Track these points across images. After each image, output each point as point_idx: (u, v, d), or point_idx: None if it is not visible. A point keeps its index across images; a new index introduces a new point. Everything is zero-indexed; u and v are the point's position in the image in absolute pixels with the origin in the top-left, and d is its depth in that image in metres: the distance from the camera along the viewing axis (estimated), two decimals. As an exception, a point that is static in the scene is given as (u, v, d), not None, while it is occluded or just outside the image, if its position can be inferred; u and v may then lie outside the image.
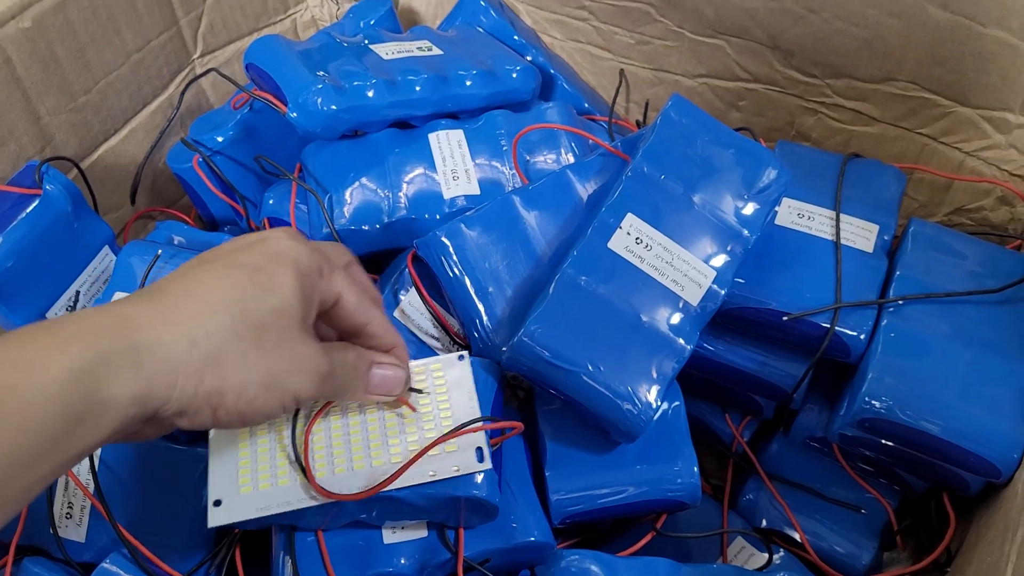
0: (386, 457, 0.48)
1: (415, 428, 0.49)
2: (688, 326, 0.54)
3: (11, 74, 0.60)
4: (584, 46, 0.80)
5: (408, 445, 0.48)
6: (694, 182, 0.56)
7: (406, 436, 0.49)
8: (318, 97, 0.61)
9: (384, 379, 0.47)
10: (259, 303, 0.39)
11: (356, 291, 0.45)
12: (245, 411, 0.39)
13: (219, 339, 0.38)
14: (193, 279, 0.40)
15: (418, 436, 0.49)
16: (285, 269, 0.41)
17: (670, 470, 0.55)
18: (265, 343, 0.39)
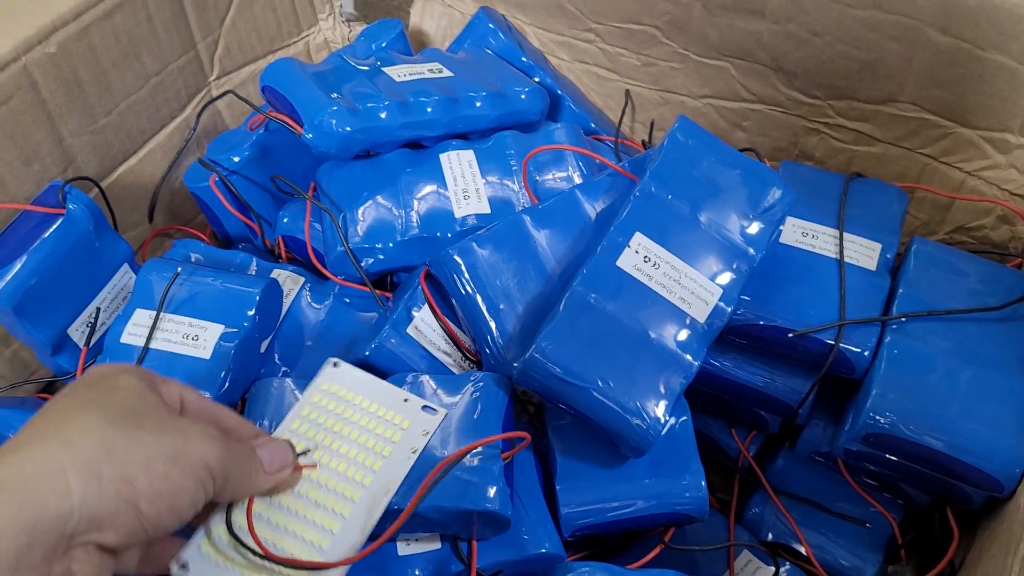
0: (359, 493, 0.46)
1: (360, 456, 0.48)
2: (695, 342, 0.55)
3: (36, 97, 0.61)
4: (591, 67, 0.82)
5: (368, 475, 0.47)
6: (700, 202, 0.58)
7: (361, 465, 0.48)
8: (333, 119, 0.63)
9: (272, 453, 0.44)
10: (114, 399, 0.37)
11: (194, 391, 0.43)
12: (165, 492, 0.35)
13: (96, 431, 0.34)
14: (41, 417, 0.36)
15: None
16: (119, 374, 0.39)
17: (678, 484, 0.56)
18: (145, 424, 0.36)
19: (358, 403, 0.50)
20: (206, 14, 0.74)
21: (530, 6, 0.81)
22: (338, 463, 0.47)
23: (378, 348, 0.58)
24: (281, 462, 0.45)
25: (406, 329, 0.59)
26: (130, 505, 0.34)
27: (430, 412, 0.50)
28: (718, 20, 0.71)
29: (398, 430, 0.49)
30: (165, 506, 0.36)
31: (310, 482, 0.46)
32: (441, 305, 0.61)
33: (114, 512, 0.34)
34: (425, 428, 0.49)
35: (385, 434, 0.49)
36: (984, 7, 0.59)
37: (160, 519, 0.36)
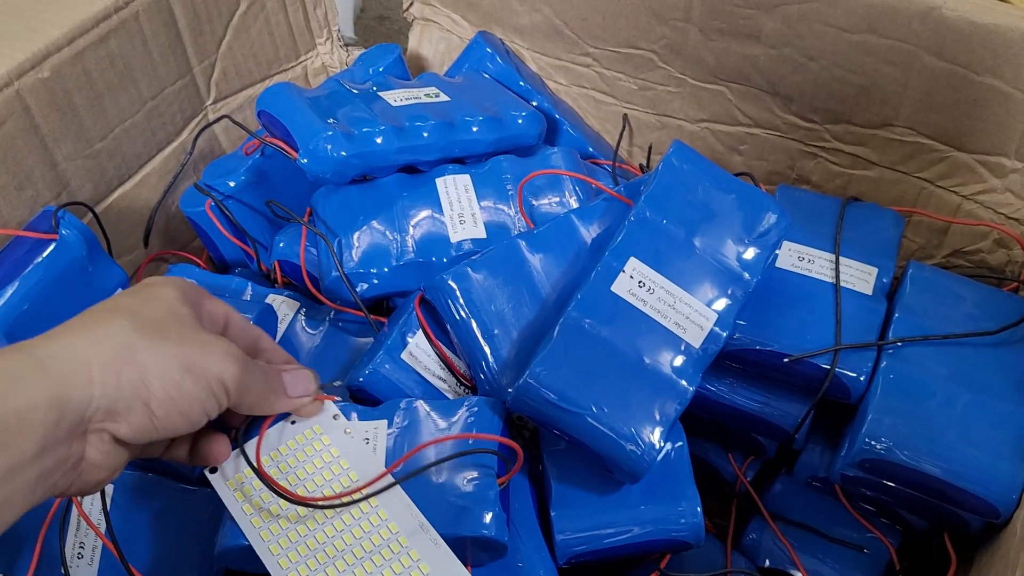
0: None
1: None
2: (690, 368, 0.54)
3: (30, 122, 0.61)
4: (588, 91, 0.82)
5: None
6: (696, 226, 0.57)
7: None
8: (328, 144, 0.63)
9: (296, 380, 0.49)
10: (148, 309, 0.40)
11: (239, 313, 0.48)
12: (177, 397, 0.39)
13: (122, 335, 0.38)
14: (80, 316, 0.40)
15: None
16: (163, 286, 0.43)
17: (674, 510, 0.55)
18: (169, 335, 0.40)
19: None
20: (202, 38, 0.74)
21: (528, 31, 0.82)
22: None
23: (372, 374, 0.58)
24: (303, 389, 0.49)
25: (400, 355, 0.59)
26: (143, 404, 0.38)
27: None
28: (714, 44, 0.71)
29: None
30: (175, 410, 0.39)
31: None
32: (435, 330, 0.60)
33: (128, 407, 0.38)
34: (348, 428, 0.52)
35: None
36: (978, 32, 0.59)
37: (170, 421, 0.39)
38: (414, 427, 0.54)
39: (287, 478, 0.50)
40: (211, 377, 0.41)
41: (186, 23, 0.72)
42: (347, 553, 0.47)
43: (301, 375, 0.50)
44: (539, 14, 0.79)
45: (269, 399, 0.47)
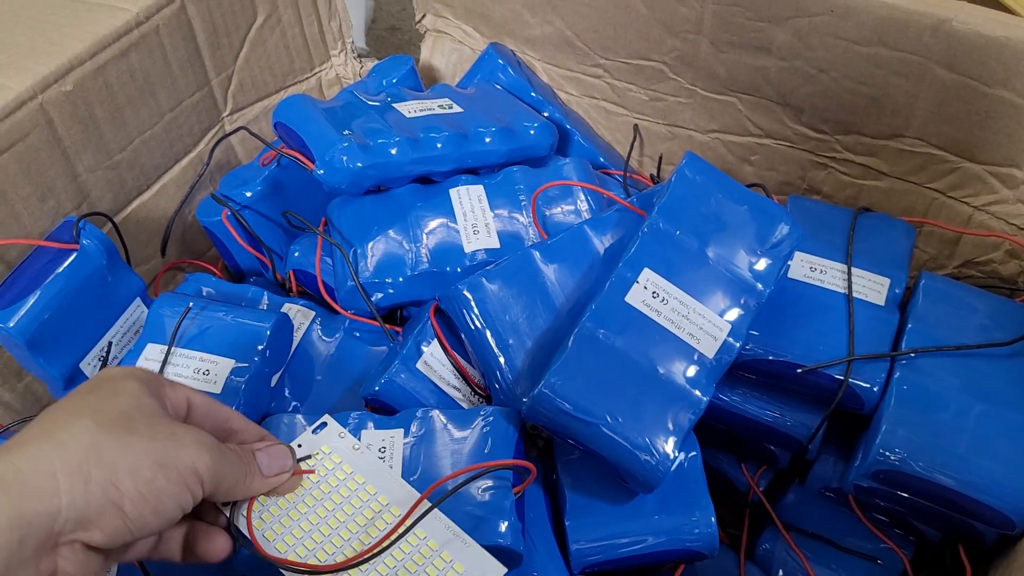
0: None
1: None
2: (704, 378, 0.55)
3: (52, 135, 0.62)
4: (599, 102, 0.83)
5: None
6: (709, 237, 0.58)
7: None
8: (344, 155, 0.64)
9: (272, 458, 0.47)
10: (112, 404, 0.38)
11: (202, 395, 0.45)
12: (150, 495, 0.37)
13: (88, 435, 0.36)
14: (40, 419, 0.38)
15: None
16: (124, 379, 0.41)
17: (688, 520, 0.56)
18: (138, 429, 0.38)
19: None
20: (220, 51, 0.75)
21: (539, 42, 0.82)
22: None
23: (388, 383, 0.59)
24: (279, 467, 0.47)
25: (416, 364, 0.60)
26: (115, 507, 0.36)
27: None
28: (725, 56, 0.71)
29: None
30: (149, 508, 0.37)
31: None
32: (451, 340, 0.61)
33: (100, 513, 0.36)
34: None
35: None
36: (989, 44, 0.60)
37: (144, 520, 0.37)
38: (430, 437, 0.55)
39: (304, 499, 0.50)
40: (184, 470, 0.39)
41: (205, 37, 0.73)
42: (379, 564, 0.47)
43: (276, 452, 0.47)
44: (551, 26, 0.80)
45: (245, 483, 0.45)
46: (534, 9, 0.80)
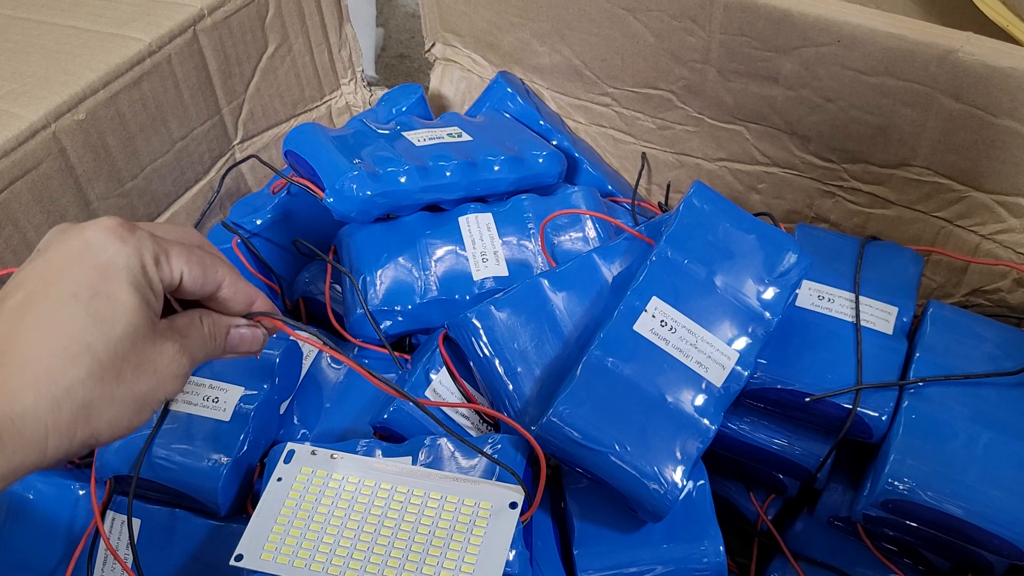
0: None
1: (440, 543, 0.49)
2: (712, 407, 0.55)
3: (65, 163, 0.63)
4: (607, 130, 0.83)
5: (427, 555, 0.49)
6: (717, 266, 0.58)
7: (429, 545, 0.49)
8: (354, 183, 0.64)
9: (242, 338, 0.47)
10: (107, 337, 0.38)
11: (196, 264, 0.43)
12: (122, 435, 0.40)
13: (81, 391, 0.37)
14: (32, 327, 0.37)
15: (439, 555, 0.49)
16: (120, 285, 0.39)
17: (696, 549, 0.55)
18: (125, 374, 0.39)
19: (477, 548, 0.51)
20: (231, 80, 0.76)
21: (548, 71, 0.83)
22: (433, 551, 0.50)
23: (396, 411, 0.59)
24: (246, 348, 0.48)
25: (424, 392, 0.60)
26: (92, 446, 0.39)
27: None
28: (732, 85, 0.72)
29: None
30: (119, 438, 0.40)
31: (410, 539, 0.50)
32: (459, 368, 0.61)
33: (76, 454, 0.38)
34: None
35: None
36: (995, 75, 0.60)
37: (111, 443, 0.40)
38: (438, 465, 0.55)
39: (313, 521, 0.50)
40: (156, 404, 0.41)
41: (216, 65, 0.73)
42: (415, 535, 0.50)
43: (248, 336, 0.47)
44: (559, 55, 0.81)
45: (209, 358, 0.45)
46: (543, 38, 0.81)
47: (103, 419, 0.38)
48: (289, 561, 0.49)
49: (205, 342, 0.44)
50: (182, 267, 0.42)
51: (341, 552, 0.49)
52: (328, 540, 0.50)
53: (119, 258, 0.39)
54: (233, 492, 0.58)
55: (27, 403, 0.35)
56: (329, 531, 0.50)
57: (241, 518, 0.60)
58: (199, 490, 0.57)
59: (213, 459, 0.57)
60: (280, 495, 0.53)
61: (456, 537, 0.50)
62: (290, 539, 0.50)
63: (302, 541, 0.50)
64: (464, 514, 0.51)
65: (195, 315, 0.44)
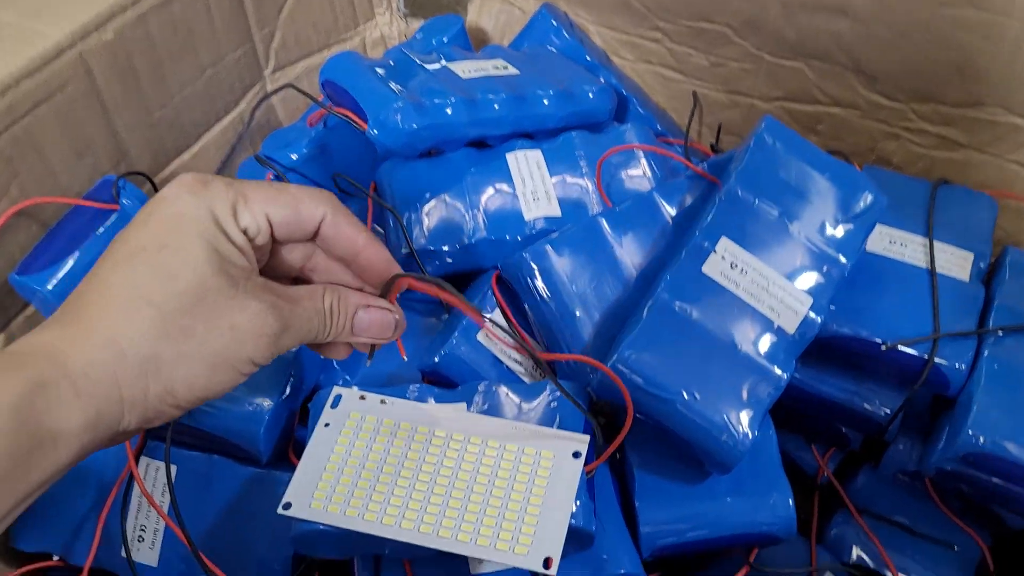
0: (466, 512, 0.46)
1: (500, 493, 0.46)
2: (784, 354, 0.52)
3: (92, 86, 0.59)
4: (656, 68, 0.79)
5: (487, 506, 0.46)
6: (789, 206, 0.55)
7: (489, 495, 0.46)
8: (398, 115, 0.60)
9: (371, 321, 0.44)
10: (171, 289, 0.36)
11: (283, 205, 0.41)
12: (203, 395, 0.38)
13: (145, 345, 0.36)
14: (102, 283, 0.37)
15: (499, 506, 0.46)
16: (189, 238, 0.37)
17: (765, 503, 0.53)
18: (195, 329, 0.37)
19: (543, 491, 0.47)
20: (264, 5, 0.71)
21: (593, 4, 0.79)
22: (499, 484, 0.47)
23: (448, 356, 0.56)
24: (374, 333, 0.45)
25: (476, 336, 0.57)
26: (171, 407, 0.37)
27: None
28: (797, 19, 0.68)
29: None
30: (202, 401, 0.38)
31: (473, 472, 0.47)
32: (512, 311, 0.58)
33: (157, 414, 0.37)
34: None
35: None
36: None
37: (197, 406, 0.39)
38: (495, 411, 0.52)
39: (365, 468, 0.47)
40: (240, 363, 0.39)
41: (248, -12, 0.69)
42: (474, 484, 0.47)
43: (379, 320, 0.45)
44: (606, -14, 0.77)
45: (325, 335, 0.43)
46: (589, -32, 0.76)
47: (175, 376, 0.37)
48: (340, 510, 0.46)
49: (318, 313, 0.42)
50: (266, 210, 0.40)
51: (395, 502, 0.46)
52: (381, 489, 0.47)
53: (188, 210, 0.38)
54: (275, 438, 0.56)
55: (96, 355, 0.35)
56: (382, 479, 0.47)
57: (282, 466, 0.57)
58: (240, 436, 0.54)
59: (255, 404, 0.54)
60: (328, 441, 0.50)
61: (517, 488, 0.47)
62: (341, 487, 0.47)
63: (353, 489, 0.47)
64: (525, 464, 0.48)
65: (318, 287, 0.43)
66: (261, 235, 0.40)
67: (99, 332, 0.36)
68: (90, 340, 0.35)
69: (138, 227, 0.38)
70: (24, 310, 0.60)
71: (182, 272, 0.37)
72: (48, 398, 0.33)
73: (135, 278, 0.37)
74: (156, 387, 0.36)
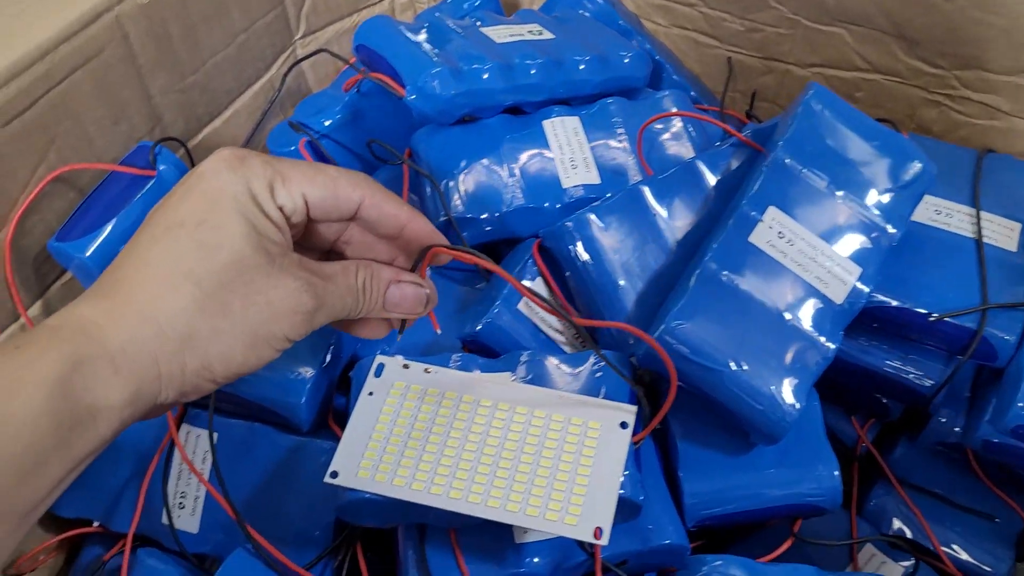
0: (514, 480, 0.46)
1: (549, 463, 0.46)
2: (831, 324, 0.51)
3: (128, 51, 0.58)
4: (689, 33, 0.78)
5: (536, 476, 0.46)
6: (837, 175, 0.54)
7: (538, 465, 0.46)
8: (436, 81, 0.60)
9: (403, 296, 0.44)
10: (210, 265, 0.37)
11: (321, 186, 0.41)
12: (240, 371, 0.38)
13: (183, 321, 0.36)
14: (140, 257, 0.37)
15: (548, 476, 0.46)
16: (227, 213, 0.37)
17: (810, 473, 0.53)
18: (232, 305, 0.37)
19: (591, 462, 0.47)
20: (295, -32, 0.70)
21: (626, -33, 0.77)
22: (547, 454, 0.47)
23: (489, 325, 0.55)
24: (406, 308, 0.45)
25: (517, 305, 0.56)
26: (208, 382, 0.38)
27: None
28: (838, -18, 0.67)
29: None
30: (238, 376, 0.38)
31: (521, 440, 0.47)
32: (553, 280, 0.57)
33: (195, 389, 0.37)
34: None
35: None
36: None
37: (232, 381, 0.39)
38: (539, 380, 0.51)
39: (410, 437, 0.47)
40: (275, 340, 0.39)
41: (280, -51, 0.68)
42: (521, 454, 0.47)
43: (411, 295, 0.44)
44: (639, -51, 0.75)
45: (357, 312, 0.43)
46: (623, -70, 0.75)
47: (212, 352, 0.37)
48: (388, 479, 0.46)
49: (351, 290, 0.42)
50: (303, 190, 0.40)
51: (443, 471, 0.46)
52: (428, 459, 0.47)
53: (227, 186, 0.38)
54: (316, 407, 0.55)
55: (134, 332, 0.35)
56: (428, 448, 0.47)
57: (321, 434, 0.57)
58: (282, 404, 0.54)
59: (297, 372, 0.54)
60: (373, 410, 0.49)
61: (565, 458, 0.46)
62: (387, 456, 0.47)
63: (400, 459, 0.47)
64: (572, 434, 0.47)
65: (351, 263, 0.42)
66: (297, 214, 0.40)
67: (138, 307, 0.36)
68: (129, 316, 0.35)
69: (176, 202, 0.38)
70: (61, 277, 0.59)
71: (221, 248, 0.37)
72: (87, 375, 0.33)
73: (174, 253, 0.37)
74: (193, 363, 0.36)
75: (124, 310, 0.35)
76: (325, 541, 0.55)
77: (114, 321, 0.35)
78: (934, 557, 0.58)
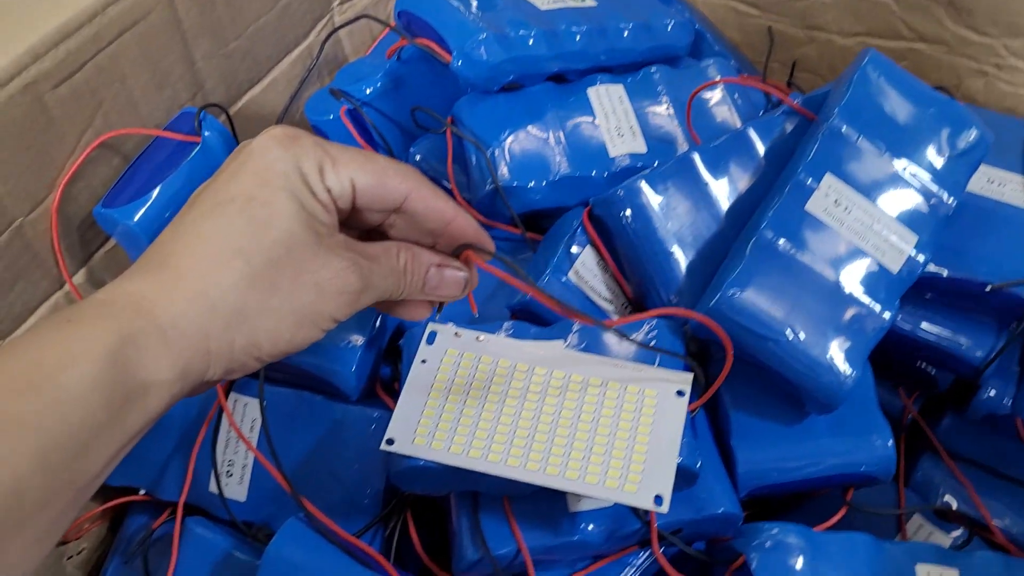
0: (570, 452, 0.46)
1: (606, 431, 0.46)
2: (887, 293, 0.51)
3: (173, 15, 0.57)
4: (729, 2, 0.77)
5: (594, 444, 0.46)
6: (893, 142, 0.53)
7: (595, 433, 0.46)
8: (482, 47, 0.59)
9: (442, 279, 0.44)
10: (260, 242, 0.37)
11: (370, 173, 0.40)
12: (286, 349, 0.38)
13: (233, 297, 0.36)
14: (190, 232, 0.37)
15: (606, 444, 0.46)
16: (277, 191, 0.37)
17: (864, 443, 0.52)
18: (281, 283, 0.37)
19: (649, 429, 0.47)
20: (332, -67, 0.69)
21: (666, -66, 0.76)
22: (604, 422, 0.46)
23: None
24: (443, 292, 0.45)
25: (567, 274, 0.56)
26: (255, 359, 0.38)
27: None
28: (886, -51, 0.66)
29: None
30: (284, 355, 0.39)
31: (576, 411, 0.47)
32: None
33: (241, 366, 0.37)
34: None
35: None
36: None
37: (278, 359, 0.39)
38: (592, 349, 0.51)
39: (465, 406, 0.47)
40: (322, 320, 0.39)
41: (319, -86, 0.67)
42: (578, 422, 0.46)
43: (449, 278, 0.45)
44: (679, -84, 0.74)
45: (399, 293, 0.43)
46: None
47: (260, 329, 0.37)
48: (444, 447, 0.46)
49: (394, 272, 0.42)
50: (352, 175, 0.40)
51: (499, 439, 0.46)
52: (484, 426, 0.47)
53: (278, 164, 0.38)
54: (365, 375, 0.55)
55: (185, 307, 0.35)
56: (484, 416, 0.47)
57: (370, 402, 0.56)
58: (332, 372, 0.54)
59: (347, 340, 0.54)
60: (427, 378, 0.49)
61: (622, 426, 0.46)
62: (443, 424, 0.47)
63: (455, 426, 0.47)
64: (629, 402, 0.47)
65: (393, 245, 0.42)
66: (344, 199, 0.40)
67: (189, 283, 0.35)
68: (179, 291, 0.35)
69: (226, 178, 0.38)
70: (105, 244, 0.59)
71: (271, 225, 0.37)
72: (139, 350, 0.33)
73: (224, 229, 0.36)
74: (241, 340, 0.36)
75: (175, 285, 0.35)
76: (374, 509, 0.55)
77: (165, 296, 0.35)
78: (983, 528, 0.57)
